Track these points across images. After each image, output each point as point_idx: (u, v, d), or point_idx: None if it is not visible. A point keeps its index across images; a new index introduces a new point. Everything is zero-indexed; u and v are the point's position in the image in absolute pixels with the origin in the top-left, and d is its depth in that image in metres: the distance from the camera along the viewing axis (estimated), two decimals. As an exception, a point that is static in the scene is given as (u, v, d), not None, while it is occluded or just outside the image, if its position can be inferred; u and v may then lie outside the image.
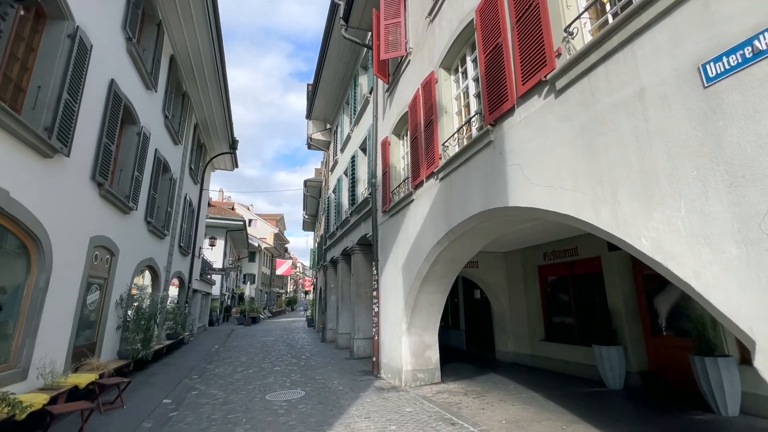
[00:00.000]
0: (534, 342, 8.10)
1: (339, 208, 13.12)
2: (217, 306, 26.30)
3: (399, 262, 7.11)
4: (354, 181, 11.10)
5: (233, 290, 37.52)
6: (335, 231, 13.74)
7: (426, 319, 6.79)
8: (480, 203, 4.49)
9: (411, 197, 6.69)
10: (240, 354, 11.58)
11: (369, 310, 10.45)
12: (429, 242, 5.89)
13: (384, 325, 7.70)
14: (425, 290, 6.42)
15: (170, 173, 11.09)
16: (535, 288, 8.25)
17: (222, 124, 15.04)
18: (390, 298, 7.48)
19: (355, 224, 10.78)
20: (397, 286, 7.14)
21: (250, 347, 13.38)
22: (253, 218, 54.92)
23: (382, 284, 8.04)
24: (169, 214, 11.18)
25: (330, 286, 14.85)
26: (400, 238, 7.14)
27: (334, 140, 15.85)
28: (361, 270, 10.74)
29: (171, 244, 11.88)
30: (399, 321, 6.89)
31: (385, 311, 7.75)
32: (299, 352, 11.70)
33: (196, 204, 15.61)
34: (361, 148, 11.13)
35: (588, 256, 6.95)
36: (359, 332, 10.31)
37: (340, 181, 13.31)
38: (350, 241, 11.30)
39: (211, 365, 9.60)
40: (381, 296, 8.07)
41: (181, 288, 14.52)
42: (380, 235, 8.41)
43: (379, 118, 9.18)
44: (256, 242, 42.99)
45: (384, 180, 8.27)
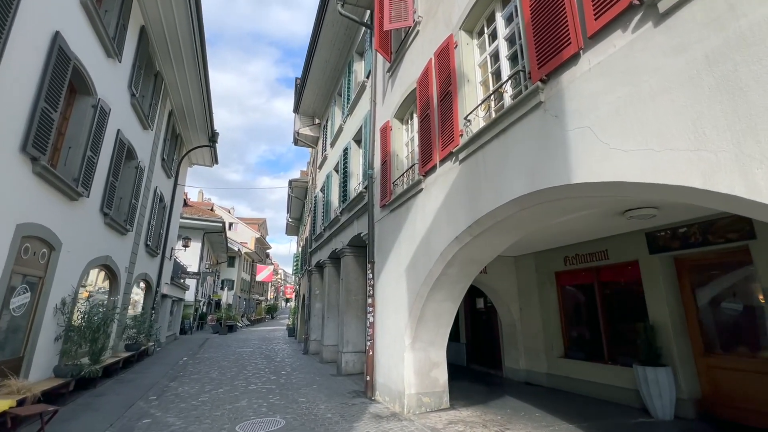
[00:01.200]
0: (551, 359, 7.10)
1: (327, 207, 11.97)
2: (190, 313, 24.51)
3: (402, 264, 6.03)
4: (346, 176, 10.01)
5: (209, 296, 35.58)
6: (322, 232, 12.57)
7: (433, 333, 5.71)
8: (523, 184, 3.47)
9: (419, 187, 5.64)
10: (211, 368, 10.18)
11: (360, 320, 9.30)
12: (443, 239, 4.84)
13: (381, 339, 6.57)
14: (434, 298, 5.35)
15: (137, 161, 9.75)
16: (552, 297, 7.29)
17: (201, 113, 13.76)
18: (389, 306, 6.37)
19: (347, 223, 9.66)
20: (398, 292, 6.05)
21: (223, 360, 11.96)
22: (234, 222, 53.01)
23: (379, 290, 6.92)
24: (134, 207, 9.81)
25: (315, 292, 13.60)
26: (404, 235, 6.07)
27: (323, 136, 14.75)
28: (352, 274, 9.59)
29: (135, 242, 10.47)
30: (401, 334, 5.78)
31: (382, 322, 6.63)
32: (279, 367, 10.40)
33: (169, 199, 14.18)
34: (354, 139, 10.07)
35: (621, 261, 6.03)
36: (348, 345, 9.12)
37: (330, 177, 12.19)
38: (340, 242, 10.16)
39: (175, 383, 8.22)
40: (377, 304, 6.95)
41: (148, 292, 13.02)
42: (377, 234, 7.33)
43: (378, 102, 8.16)
44: (236, 246, 41.19)
45: (383, 171, 7.21)
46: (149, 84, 10.35)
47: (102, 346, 7.63)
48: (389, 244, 6.67)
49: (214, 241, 30.38)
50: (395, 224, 6.50)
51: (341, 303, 9.59)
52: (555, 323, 7.15)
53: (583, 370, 6.40)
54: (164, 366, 10.52)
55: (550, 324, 7.22)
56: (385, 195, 6.98)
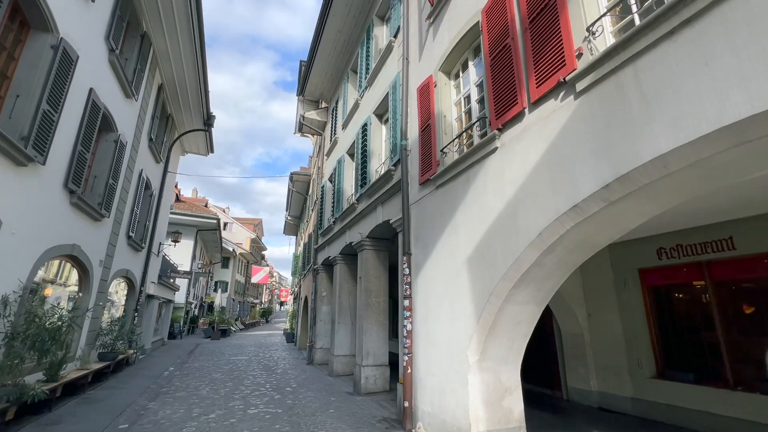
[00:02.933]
0: (639, 379, 5.58)
1: (339, 196, 10.43)
2: (180, 316, 22.74)
3: (460, 254, 4.50)
4: (365, 157, 8.49)
5: (202, 298, 33.79)
6: (332, 225, 11.01)
7: (507, 347, 4.17)
8: (743, 100, 1.98)
9: (490, 146, 4.13)
10: (201, 382, 8.54)
11: (382, 327, 7.74)
12: (542, 213, 3.33)
13: (424, 353, 5.02)
14: (515, 298, 3.82)
15: (116, 133, 8.16)
16: (636, 300, 5.80)
17: (195, 91, 12.18)
18: (438, 310, 4.83)
19: (366, 211, 8.12)
20: (455, 291, 4.51)
21: (215, 371, 10.31)
22: (229, 221, 51.29)
23: (421, 289, 5.38)
24: (112, 189, 8.20)
25: (321, 294, 12.01)
26: (463, 215, 4.54)
27: (331, 120, 13.23)
28: (373, 272, 8.04)
29: (114, 232, 8.84)
30: (461, 348, 4.24)
31: (426, 330, 5.08)
32: (281, 381, 8.78)
33: (158, 187, 12.55)
34: (376, 113, 8.56)
35: (752, 253, 4.56)
36: (368, 357, 7.54)
37: (341, 162, 10.66)
38: (357, 234, 8.61)
39: (155, 403, 6.60)
40: (417, 307, 5.40)
41: (131, 292, 11.36)
42: (415, 218, 5.79)
43: (412, 60, 6.66)
44: (231, 247, 39.46)
45: (424, 139, 5.70)
46: (134, 45, 8.78)
47: (61, 357, 6.02)
48: (436, 230, 5.13)
49: (207, 239, 28.68)
50: (445, 203, 4.97)
51: (359, 306, 8.02)
52: (642, 334, 5.63)
53: (692, 396, 4.89)
54: (145, 379, 8.86)
55: (635, 335, 5.70)
56: (427, 168, 5.46)
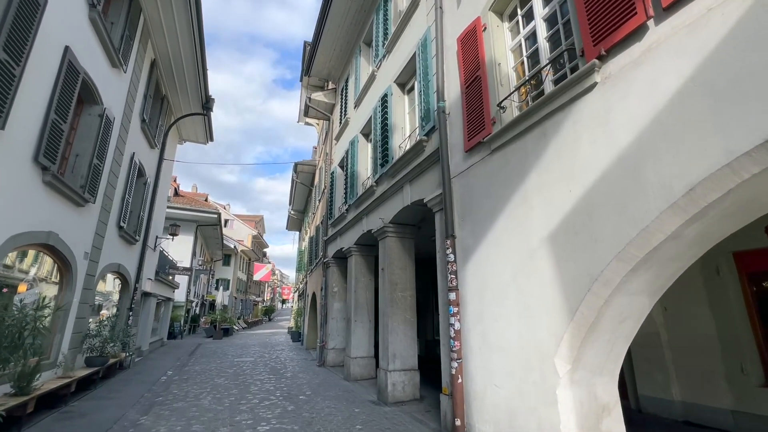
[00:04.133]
0: (741, 388, 4.54)
1: (353, 181, 9.39)
2: (180, 315, 21.78)
3: (533, 231, 3.47)
4: (386, 132, 7.43)
5: (203, 297, 32.86)
6: (344, 214, 9.98)
7: (606, 352, 3.14)
8: None
9: (584, 84, 3.07)
10: (202, 389, 7.54)
11: (410, 325, 6.72)
12: (698, 161, 2.29)
13: (481, 359, 3.99)
14: (627, 287, 2.79)
15: (101, 107, 7.11)
16: (733, 291, 4.76)
17: (192, 70, 11.11)
18: (502, 303, 3.79)
19: (389, 194, 7.09)
20: (526, 279, 3.48)
21: (218, 374, 9.31)
22: (230, 218, 50.35)
23: (470, 278, 4.35)
24: (97, 170, 7.15)
25: (333, 290, 10.99)
26: (537, 181, 3.50)
27: (341, 101, 12.16)
28: (398, 262, 7.01)
29: (102, 221, 7.81)
30: (542, 353, 3.21)
31: (482, 330, 4.05)
32: (293, 387, 7.77)
33: (152, 175, 11.51)
34: (398, 82, 7.50)
35: None
36: (395, 360, 6.52)
37: (355, 144, 9.61)
38: (376, 220, 7.58)
39: (148, 417, 5.59)
40: (466, 300, 4.37)
41: (124, 289, 10.34)
42: (460, 193, 4.75)
43: (448, 9, 5.57)
44: (232, 244, 38.51)
45: (470, 97, 4.65)
46: (121, 7, 7.71)
47: (34, 366, 5.00)
48: (492, 203, 4.09)
49: (208, 236, 27.69)
50: (506, 168, 3.93)
51: (382, 302, 7.00)
52: (743, 332, 4.60)
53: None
54: (140, 385, 7.85)
55: (734, 333, 4.66)
56: (477, 130, 4.41)
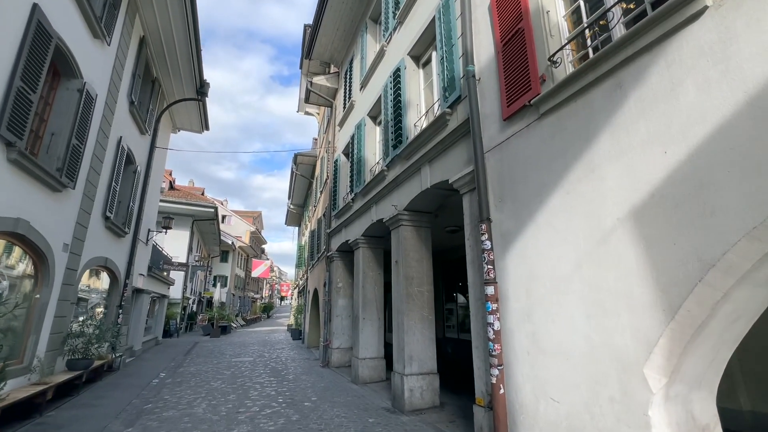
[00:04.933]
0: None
1: (360, 167, 8.65)
2: (177, 312, 21.04)
3: (605, 209, 2.77)
4: (399, 111, 6.70)
5: (200, 293, 32.15)
6: (350, 203, 9.26)
7: (708, 360, 2.46)
8: None
9: (687, 11, 2.34)
10: (197, 394, 6.83)
11: (428, 324, 6.03)
12: None
13: (531, 366, 3.30)
14: (753, 277, 2.09)
15: (80, 80, 6.35)
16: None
17: (185, 51, 10.33)
18: (560, 298, 3.09)
19: (403, 177, 6.37)
20: (597, 269, 2.78)
21: (215, 377, 8.61)
22: (228, 214, 49.60)
23: (512, 269, 3.65)
24: (77, 151, 6.40)
25: (337, 285, 10.28)
26: (609, 146, 2.79)
27: (345, 84, 11.40)
28: (414, 254, 6.30)
29: (84, 209, 7.06)
30: (624, 362, 2.52)
31: (531, 331, 3.35)
32: (297, 392, 7.07)
33: (143, 163, 10.75)
34: (412, 55, 6.76)
35: None
36: (412, 363, 5.83)
37: (361, 128, 8.88)
38: (389, 208, 6.87)
39: (132, 431, 4.88)
40: (507, 295, 3.68)
41: (113, 286, 9.61)
42: (497, 168, 4.04)
43: (475, -40, 4.84)
44: (230, 240, 37.79)
45: (508, 55, 3.92)
46: (103, -29, 6.94)
47: None
48: (543, 178, 3.38)
49: (204, 231, 26.95)
50: (563, 134, 3.22)
51: (396, 298, 6.30)
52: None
53: None
54: (128, 390, 7.14)
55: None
56: (520, 92, 3.69)
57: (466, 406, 5.85)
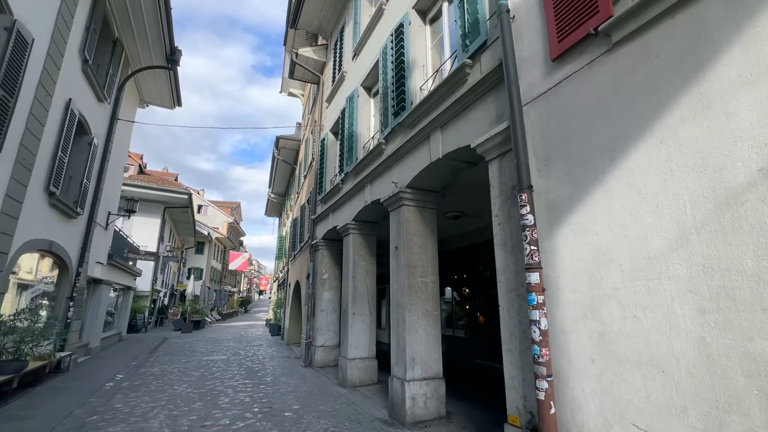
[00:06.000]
0: None
1: (351, 144, 7.66)
2: (145, 306, 19.53)
3: (737, 162, 1.91)
4: (402, 72, 5.73)
5: (173, 286, 30.45)
6: (339, 185, 8.26)
7: None
8: None
9: None
10: (155, 402, 5.73)
11: (432, 320, 5.16)
12: None
13: (604, 380, 2.44)
14: None
15: (10, 16, 5.10)
16: None
17: (152, 9, 9.04)
18: (651, 288, 2.24)
19: (405, 150, 5.44)
20: (715, 248, 1.94)
21: (180, 379, 7.50)
22: (204, 204, 47.59)
23: (567, 250, 2.79)
24: (3, 104, 5.16)
25: (323, 276, 9.28)
26: (741, 67, 1.94)
27: (334, 56, 10.33)
28: (417, 239, 5.38)
29: (17, 179, 5.81)
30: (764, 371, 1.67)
31: (599, 332, 2.50)
32: (275, 399, 6.07)
33: (102, 136, 9.41)
34: (418, 9, 5.80)
35: None
36: (414, 366, 4.93)
37: (353, 100, 7.87)
38: (385, 187, 5.93)
39: (63, 456, 3.80)
40: (559, 285, 2.82)
41: (63, 274, 8.31)
42: (543, 123, 3.16)
43: None
44: (206, 230, 36.00)
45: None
46: None
47: None
48: (618, 128, 2.52)
49: (178, 220, 25.32)
50: (658, 65, 2.35)
51: (395, 290, 5.37)
52: None
53: None
54: (72, 397, 5.97)
55: None
56: (580, 18, 2.80)
57: (477, 416, 5.01)
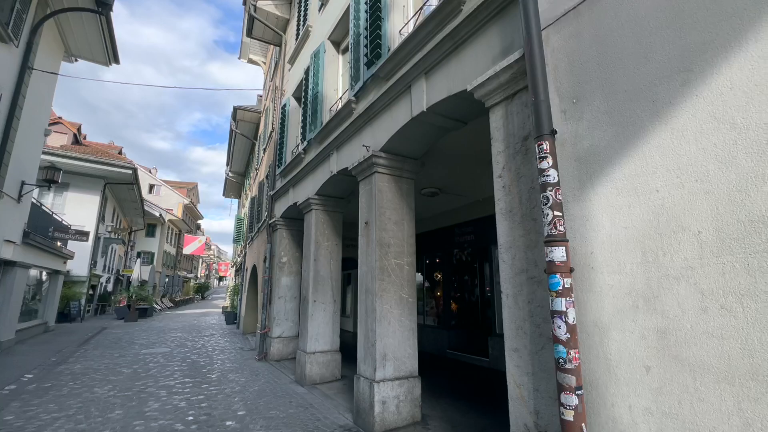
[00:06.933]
0: None
1: (315, 107, 6.60)
2: (81, 292, 17.50)
3: None
4: (378, 14, 4.74)
5: (119, 271, 27.99)
6: (301, 155, 7.20)
7: None
8: None
9: None
10: (63, 411, 4.56)
11: (407, 309, 4.37)
12: None
13: (666, 397, 1.71)
14: None
15: None
16: None
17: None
18: (761, 264, 1.50)
19: (379, 107, 4.52)
20: None
21: (104, 380, 6.28)
22: (157, 184, 44.28)
23: (602, 217, 2.02)
24: None
25: (281, 259, 8.25)
26: None
27: (299, 11, 9.05)
28: (391, 213, 4.52)
29: None
30: None
31: (665, 329, 1.76)
32: (217, 402, 5.08)
33: (8, 88, 7.71)
34: (398, -64, 4.81)
35: None
36: (386, 364, 4.13)
37: (319, 56, 6.79)
38: (354, 153, 5.00)
39: None
40: (597, 265, 2.05)
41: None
42: (570, 51, 2.35)
43: None
44: (158, 212, 33.34)
45: None
46: None
47: None
48: (693, 39, 1.74)
49: (123, 198, 22.97)
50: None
51: (366, 273, 4.51)
52: None
53: None
54: (-51, 409, 4.66)
55: None
56: None
57: (458, 421, 4.31)
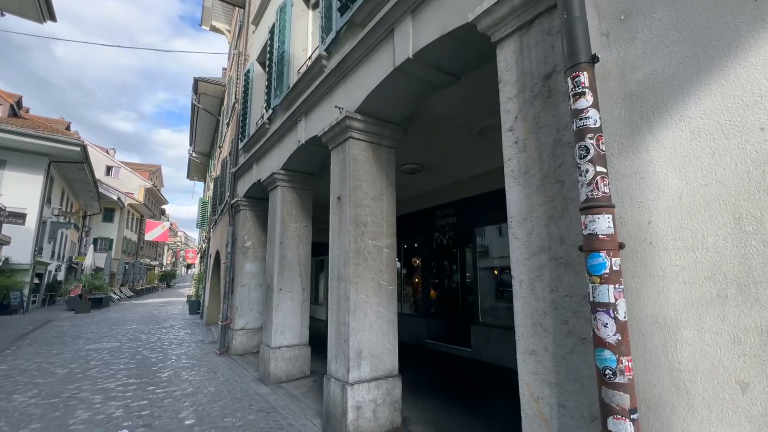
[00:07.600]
0: None
1: (281, 68, 5.74)
2: (25, 282, 15.87)
3: None
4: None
5: (72, 258, 25.98)
6: (265, 126, 6.35)
7: None
8: None
9: None
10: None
11: (387, 298, 3.75)
12: None
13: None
14: None
15: None
16: None
17: None
18: None
19: (354, 60, 3.78)
20: None
21: (30, 383, 5.32)
22: (115, 165, 41.40)
23: (668, 174, 1.43)
24: None
25: (245, 244, 7.42)
26: None
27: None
28: (369, 187, 3.84)
29: None
30: None
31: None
32: (162, 408, 4.32)
33: None
34: None
35: None
36: (362, 363, 3.50)
37: (286, 11, 5.88)
38: (326, 117, 4.26)
39: None
40: (658, 241, 1.48)
41: None
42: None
43: None
44: (116, 195, 31.07)
45: None
46: None
47: None
48: None
49: (73, 179, 21.05)
50: None
51: (337, 256, 3.83)
52: None
53: None
54: None
55: None
56: None
57: (445, 425, 3.78)
